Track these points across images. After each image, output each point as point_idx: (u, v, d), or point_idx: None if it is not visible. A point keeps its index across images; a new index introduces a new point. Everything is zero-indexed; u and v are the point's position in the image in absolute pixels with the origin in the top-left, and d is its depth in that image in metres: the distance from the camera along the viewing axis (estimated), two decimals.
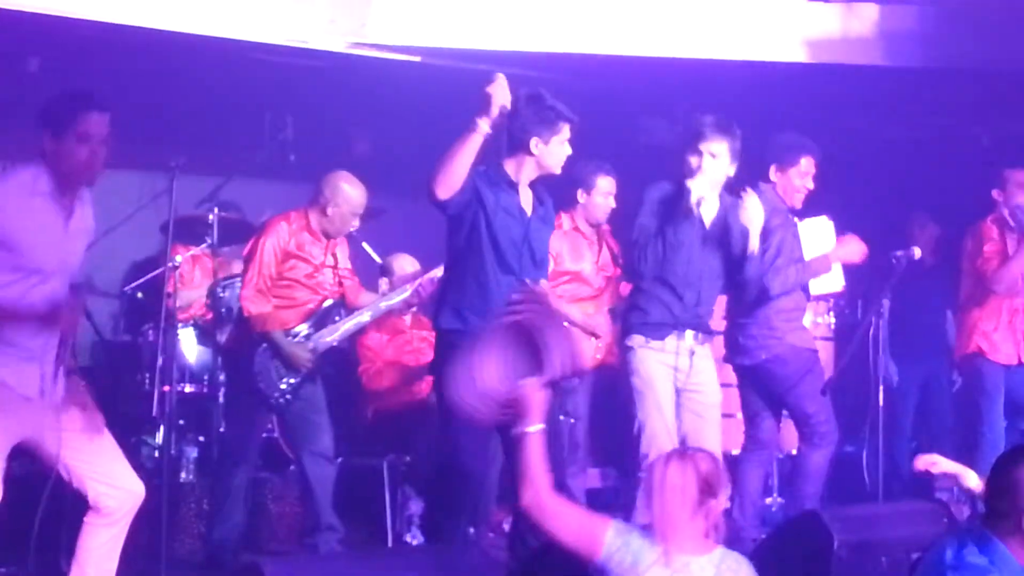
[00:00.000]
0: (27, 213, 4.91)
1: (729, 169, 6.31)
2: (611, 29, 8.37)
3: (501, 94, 5.57)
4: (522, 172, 5.77)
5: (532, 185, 5.82)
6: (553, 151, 5.76)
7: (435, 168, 5.55)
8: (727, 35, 8.45)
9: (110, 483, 5.16)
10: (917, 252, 7.29)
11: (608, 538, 4.23)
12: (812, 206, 7.25)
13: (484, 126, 5.53)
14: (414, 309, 7.75)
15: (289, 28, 8.03)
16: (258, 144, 9.30)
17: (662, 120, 9.54)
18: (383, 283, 7.74)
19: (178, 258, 7.52)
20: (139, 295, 8.36)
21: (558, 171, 5.83)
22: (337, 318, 7.12)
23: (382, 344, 7.82)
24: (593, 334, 7.51)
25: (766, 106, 8.48)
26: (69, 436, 5.11)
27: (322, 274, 7.06)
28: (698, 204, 6.16)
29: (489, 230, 5.66)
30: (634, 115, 9.64)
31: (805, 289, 7.15)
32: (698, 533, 4.25)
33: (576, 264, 7.67)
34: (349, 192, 6.99)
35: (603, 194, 7.69)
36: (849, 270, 7.52)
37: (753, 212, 6.33)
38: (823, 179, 7.22)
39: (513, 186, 5.76)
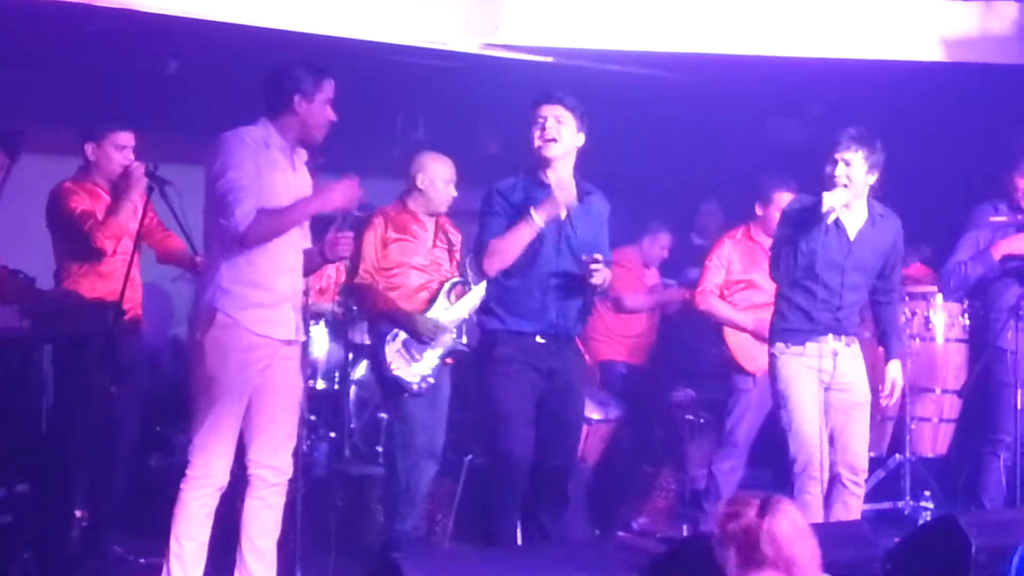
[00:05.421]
0: (266, 162, 5.36)
1: (867, 178, 6.30)
2: (743, 29, 8.33)
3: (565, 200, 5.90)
4: (550, 174, 6.03)
5: (578, 182, 6.04)
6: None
7: (489, 254, 5.93)
8: (862, 34, 8.36)
9: (272, 452, 5.44)
10: None
11: None
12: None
13: (540, 221, 5.87)
14: None
15: (423, 29, 8.11)
16: (390, 144, 9.37)
17: (794, 120, 9.48)
18: None
19: None
20: None
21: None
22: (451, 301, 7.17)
23: None
24: (764, 339, 7.46)
25: (901, 106, 8.37)
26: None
27: (433, 256, 7.10)
28: (827, 214, 6.14)
29: None
30: (766, 115, 9.58)
31: None
32: None
33: (747, 274, 7.83)
34: (433, 160, 7.13)
35: (780, 209, 7.64)
36: None
37: None
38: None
39: (547, 188, 5.99)
